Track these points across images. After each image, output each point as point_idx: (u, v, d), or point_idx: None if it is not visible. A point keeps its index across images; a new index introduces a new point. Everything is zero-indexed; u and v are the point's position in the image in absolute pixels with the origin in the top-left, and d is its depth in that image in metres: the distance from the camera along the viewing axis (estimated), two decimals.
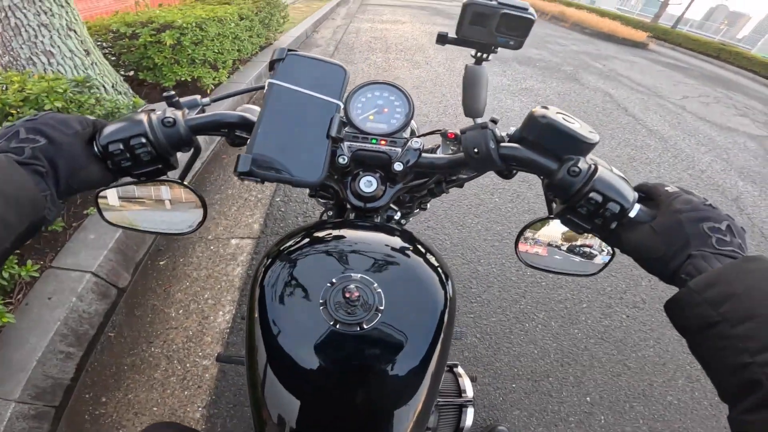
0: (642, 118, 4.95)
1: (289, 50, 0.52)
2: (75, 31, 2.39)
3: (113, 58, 2.98)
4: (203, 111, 0.58)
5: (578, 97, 5.38)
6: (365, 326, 0.45)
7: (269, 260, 0.53)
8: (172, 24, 2.94)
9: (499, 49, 0.56)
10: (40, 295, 1.45)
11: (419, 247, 0.55)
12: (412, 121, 0.70)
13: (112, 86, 2.59)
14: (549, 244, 0.62)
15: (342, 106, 0.51)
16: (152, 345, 1.59)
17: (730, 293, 0.32)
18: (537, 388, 1.64)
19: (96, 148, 0.46)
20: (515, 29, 0.52)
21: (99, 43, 2.85)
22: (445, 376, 0.81)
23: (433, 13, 11.83)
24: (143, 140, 0.47)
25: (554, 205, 0.54)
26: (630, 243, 0.44)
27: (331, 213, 0.89)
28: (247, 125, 0.55)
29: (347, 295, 0.45)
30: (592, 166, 0.48)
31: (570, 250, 0.62)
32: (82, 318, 1.49)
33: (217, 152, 2.83)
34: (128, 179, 0.52)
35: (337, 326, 0.45)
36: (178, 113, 0.52)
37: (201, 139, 1.86)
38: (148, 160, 0.48)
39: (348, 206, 0.65)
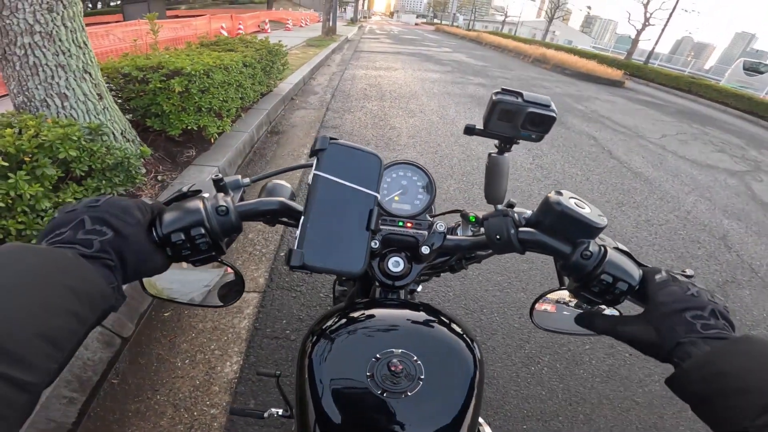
0: (626, 161, 5.17)
1: (331, 139, 0.54)
2: (90, 74, 2.36)
3: (120, 102, 2.94)
4: (244, 192, 0.61)
5: (565, 141, 5.60)
6: (409, 393, 0.50)
7: (315, 337, 0.59)
8: (181, 71, 2.93)
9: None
10: None
11: (443, 318, 0.62)
12: None
13: (121, 133, 2.58)
14: (557, 302, 0.67)
15: (378, 197, 0.54)
16: (157, 393, 1.57)
17: (722, 372, 0.38)
18: (548, 428, 1.64)
19: (155, 235, 0.47)
20: (539, 125, 0.56)
21: (108, 86, 2.79)
22: None
23: (424, 60, 12.42)
24: (202, 230, 0.48)
25: (565, 278, 0.60)
26: (625, 335, 0.51)
27: (344, 279, 0.93)
28: (287, 211, 0.58)
29: (392, 368, 0.51)
30: (602, 249, 0.53)
31: (578, 306, 0.67)
32: (86, 365, 1.49)
33: None
34: (182, 264, 0.53)
35: (384, 395, 0.49)
36: (228, 199, 0.53)
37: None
38: (205, 249, 0.50)
39: (376, 283, 0.69)
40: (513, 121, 0.56)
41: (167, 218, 0.48)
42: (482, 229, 0.61)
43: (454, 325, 0.61)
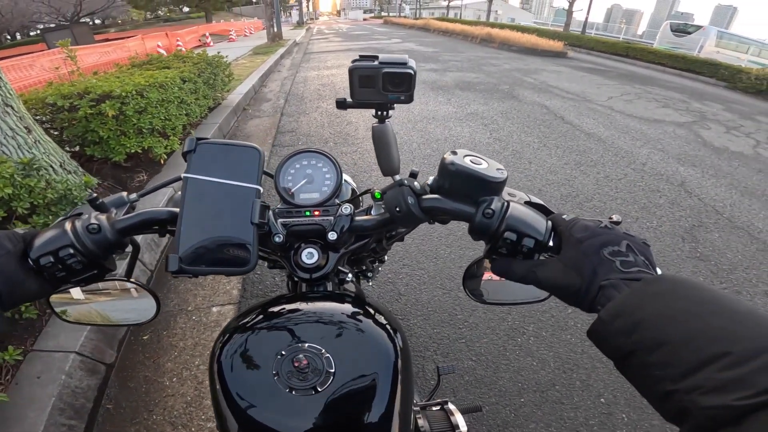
0: (578, 124, 5.33)
1: (199, 139, 0.52)
2: (12, 107, 2.26)
3: (56, 134, 2.81)
4: (132, 208, 0.58)
5: (519, 113, 5.72)
6: (320, 389, 0.47)
7: (225, 336, 0.55)
8: (110, 93, 2.80)
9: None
10: (29, 375, 1.49)
11: (367, 308, 0.59)
12: (350, 179, 0.70)
13: (60, 165, 2.45)
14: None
15: (261, 190, 0.52)
16: (153, 413, 1.54)
17: (638, 321, 0.32)
18: (546, 398, 1.63)
19: (30, 262, 0.47)
20: (399, 85, 0.54)
21: (38, 118, 2.68)
22: (436, 414, 0.81)
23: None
24: (71, 251, 0.47)
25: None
26: (545, 280, 0.44)
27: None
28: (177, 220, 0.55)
29: (296, 364, 0.48)
30: (504, 204, 0.49)
31: None
32: (76, 393, 1.49)
33: None
34: (70, 285, 0.52)
35: (293, 392, 0.47)
36: (103, 217, 0.52)
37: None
38: (80, 269, 0.48)
39: (295, 278, 0.65)
40: (375, 86, 0.55)
41: (36, 243, 0.48)
42: None
43: (378, 315, 0.58)
